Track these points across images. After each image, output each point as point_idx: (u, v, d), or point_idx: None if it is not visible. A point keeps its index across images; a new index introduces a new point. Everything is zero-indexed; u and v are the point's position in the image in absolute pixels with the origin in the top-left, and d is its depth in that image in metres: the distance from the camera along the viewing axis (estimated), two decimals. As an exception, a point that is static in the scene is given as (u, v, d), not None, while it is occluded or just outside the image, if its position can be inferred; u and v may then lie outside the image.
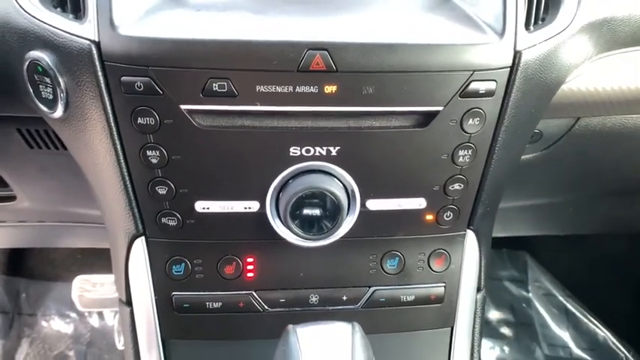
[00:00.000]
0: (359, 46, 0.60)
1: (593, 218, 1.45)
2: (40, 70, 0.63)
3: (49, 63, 0.62)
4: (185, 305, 0.77)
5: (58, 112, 0.66)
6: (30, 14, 0.62)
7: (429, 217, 0.74)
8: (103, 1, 0.60)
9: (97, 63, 0.60)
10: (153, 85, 0.60)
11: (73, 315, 1.80)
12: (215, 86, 0.61)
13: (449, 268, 0.80)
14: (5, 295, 1.80)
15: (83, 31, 0.60)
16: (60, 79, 0.63)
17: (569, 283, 1.92)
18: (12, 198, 1.10)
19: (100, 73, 0.61)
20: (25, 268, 1.86)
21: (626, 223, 1.48)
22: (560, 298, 1.92)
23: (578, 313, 1.88)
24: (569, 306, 1.90)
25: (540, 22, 0.67)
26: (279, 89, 0.61)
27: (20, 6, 0.62)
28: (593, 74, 0.78)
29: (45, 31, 0.61)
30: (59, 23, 0.61)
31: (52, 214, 1.22)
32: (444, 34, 0.63)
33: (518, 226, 1.49)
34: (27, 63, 0.63)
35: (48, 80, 0.64)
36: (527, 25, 0.66)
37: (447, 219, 0.75)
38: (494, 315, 1.90)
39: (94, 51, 0.60)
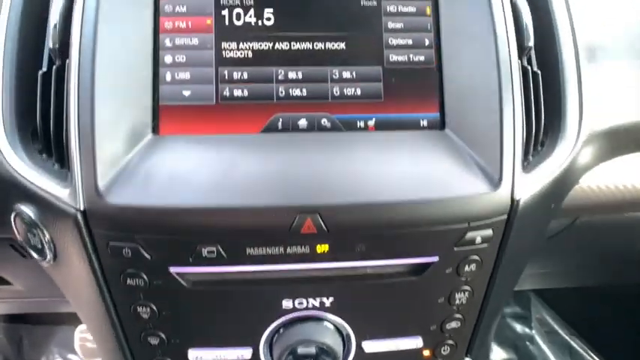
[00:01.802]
0: (351, 207, 0.59)
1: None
2: (28, 222, 0.62)
3: (34, 218, 0.61)
4: None
5: (49, 260, 0.65)
6: (16, 170, 0.60)
7: (426, 352, 0.73)
8: (87, 164, 0.58)
9: (84, 228, 0.59)
10: (140, 250, 0.59)
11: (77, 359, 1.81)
12: (204, 252, 0.59)
13: None
14: (7, 343, 1.79)
15: (68, 198, 0.59)
16: (46, 233, 0.62)
17: (573, 320, 1.91)
18: (8, 282, 1.09)
19: (87, 239, 0.60)
20: (27, 314, 1.86)
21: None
22: (564, 336, 1.90)
23: (581, 351, 1.86)
24: (572, 344, 1.88)
25: (540, 148, 0.65)
26: (269, 251, 0.60)
27: (6, 159, 0.61)
28: (594, 177, 0.76)
29: (30, 189, 0.60)
30: (44, 184, 0.60)
31: (49, 294, 1.21)
32: (438, 186, 0.61)
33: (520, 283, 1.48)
34: (13, 214, 0.62)
35: (35, 231, 0.63)
36: (525, 155, 0.64)
37: (444, 353, 0.74)
38: (497, 354, 1.89)
39: (80, 218, 0.59)
